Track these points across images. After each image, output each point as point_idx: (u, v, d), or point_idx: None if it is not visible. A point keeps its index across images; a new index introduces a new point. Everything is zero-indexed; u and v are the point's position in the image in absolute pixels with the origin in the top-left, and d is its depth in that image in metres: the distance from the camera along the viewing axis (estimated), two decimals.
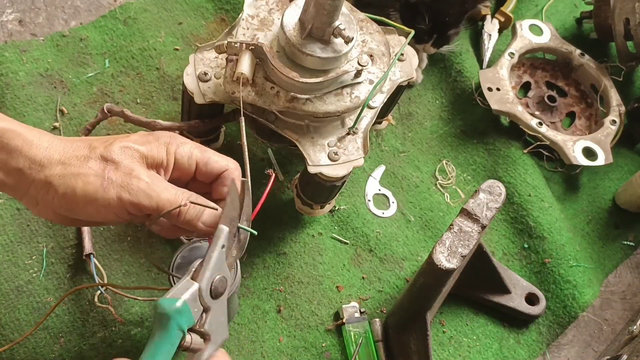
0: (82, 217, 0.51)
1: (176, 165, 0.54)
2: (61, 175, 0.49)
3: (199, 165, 0.54)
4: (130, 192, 0.49)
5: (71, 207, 0.50)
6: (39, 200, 0.51)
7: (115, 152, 0.50)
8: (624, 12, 0.93)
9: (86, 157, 0.50)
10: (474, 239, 0.61)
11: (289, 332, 0.73)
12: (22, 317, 0.68)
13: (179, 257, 0.59)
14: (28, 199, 0.51)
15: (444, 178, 0.87)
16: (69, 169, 0.49)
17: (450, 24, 0.85)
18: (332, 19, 0.59)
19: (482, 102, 0.91)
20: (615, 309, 0.83)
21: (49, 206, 0.51)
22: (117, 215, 0.51)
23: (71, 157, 0.50)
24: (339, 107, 0.63)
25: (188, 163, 0.54)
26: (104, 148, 0.51)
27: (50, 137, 0.51)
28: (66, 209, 0.51)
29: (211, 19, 0.91)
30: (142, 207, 0.50)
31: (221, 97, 0.66)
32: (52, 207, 0.51)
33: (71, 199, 0.49)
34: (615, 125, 0.91)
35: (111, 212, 0.50)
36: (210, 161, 0.55)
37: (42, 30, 0.85)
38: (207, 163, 0.55)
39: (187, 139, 0.55)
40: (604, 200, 0.91)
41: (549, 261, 0.82)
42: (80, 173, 0.49)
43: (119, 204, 0.49)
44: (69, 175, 0.49)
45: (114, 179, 0.49)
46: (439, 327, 0.77)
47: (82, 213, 0.51)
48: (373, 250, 0.79)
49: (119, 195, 0.49)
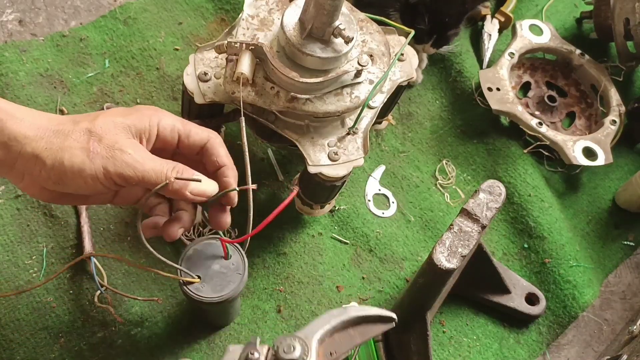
0: (69, 190, 0.52)
1: (159, 137, 0.55)
2: (48, 148, 0.50)
3: (181, 137, 0.56)
4: (115, 163, 0.50)
5: (59, 179, 0.51)
6: (25, 175, 0.51)
7: (99, 125, 0.51)
8: (624, 12, 0.93)
9: (71, 131, 0.51)
10: (474, 239, 0.61)
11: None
12: (22, 317, 0.68)
13: (190, 250, 0.59)
14: (15, 173, 0.51)
15: (444, 178, 0.87)
16: (55, 142, 0.50)
17: (450, 25, 0.85)
18: (332, 19, 0.59)
19: (482, 102, 0.91)
20: (615, 309, 0.83)
21: (36, 180, 0.51)
22: (105, 187, 0.51)
23: (56, 130, 0.51)
24: (339, 107, 0.63)
25: (171, 135, 0.55)
26: (88, 122, 0.51)
27: (32, 111, 0.52)
28: (54, 182, 0.51)
29: (211, 19, 0.91)
30: (127, 178, 0.51)
31: (221, 97, 0.66)
32: (39, 181, 0.51)
33: (59, 171, 0.50)
34: (615, 125, 0.91)
35: (98, 183, 0.51)
36: (191, 133, 0.56)
37: (42, 30, 0.85)
38: (189, 135, 0.56)
39: (169, 113, 0.56)
40: (604, 200, 0.91)
41: (549, 261, 0.82)
42: (66, 146, 0.50)
43: (105, 174, 0.50)
44: (56, 148, 0.50)
45: (99, 151, 0.50)
46: (439, 327, 0.77)
47: (71, 185, 0.51)
48: (373, 250, 0.79)
49: (104, 166, 0.50)
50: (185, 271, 0.58)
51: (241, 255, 0.60)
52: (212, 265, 0.59)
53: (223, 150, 0.57)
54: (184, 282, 0.58)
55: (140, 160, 0.51)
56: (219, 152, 0.57)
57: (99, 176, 0.50)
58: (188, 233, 0.74)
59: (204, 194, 0.54)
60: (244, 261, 0.59)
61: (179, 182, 0.53)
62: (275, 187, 0.81)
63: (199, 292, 0.57)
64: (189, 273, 0.58)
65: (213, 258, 0.59)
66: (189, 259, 0.59)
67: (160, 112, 0.55)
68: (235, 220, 0.75)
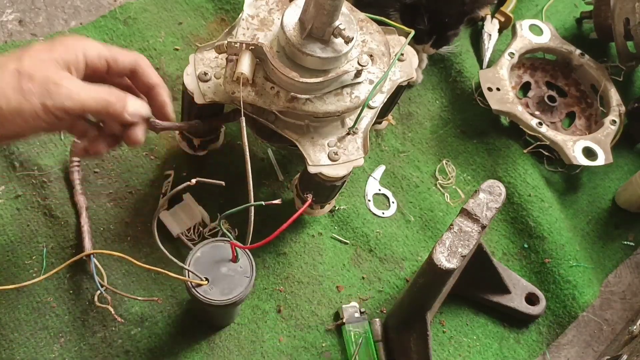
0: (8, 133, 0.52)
1: (87, 65, 0.55)
2: None
3: (109, 62, 0.56)
4: (52, 97, 0.50)
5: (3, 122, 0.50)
6: None
7: (26, 64, 0.51)
8: (624, 12, 0.93)
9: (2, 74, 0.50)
10: (474, 239, 0.61)
11: (289, 332, 0.73)
12: (22, 317, 0.68)
13: (198, 252, 0.59)
14: None
15: (444, 178, 0.87)
16: None
17: (449, 26, 0.85)
18: (332, 19, 0.59)
19: (482, 102, 0.91)
20: (615, 309, 0.83)
21: None
22: (47, 123, 0.51)
23: None
24: (339, 107, 0.63)
25: (99, 61, 0.55)
26: (15, 62, 0.51)
27: None
28: None
29: (211, 19, 0.91)
30: (68, 109, 0.51)
31: (221, 97, 0.66)
32: None
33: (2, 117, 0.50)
34: (615, 125, 0.91)
35: (40, 120, 0.51)
36: (118, 57, 0.56)
37: (42, 30, 0.85)
38: (116, 59, 0.56)
39: (93, 40, 0.57)
40: (604, 200, 0.91)
41: (549, 261, 0.82)
42: None
43: (44, 110, 0.50)
44: None
45: (33, 89, 0.50)
46: (439, 327, 0.77)
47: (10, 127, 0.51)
48: (373, 250, 0.79)
49: (42, 102, 0.50)
50: (193, 272, 0.58)
51: (249, 259, 0.60)
52: (220, 268, 0.59)
53: (152, 71, 0.58)
54: (193, 284, 0.58)
55: (76, 90, 0.51)
56: (149, 72, 0.58)
57: (39, 113, 0.50)
58: (188, 233, 0.74)
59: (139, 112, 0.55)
60: (252, 264, 0.59)
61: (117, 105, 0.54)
62: (276, 187, 0.81)
63: (207, 295, 0.57)
64: (198, 275, 0.58)
65: (221, 260, 0.59)
66: (196, 260, 0.59)
67: (84, 40, 0.56)
68: (236, 220, 0.75)
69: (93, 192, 0.75)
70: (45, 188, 0.74)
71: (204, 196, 0.76)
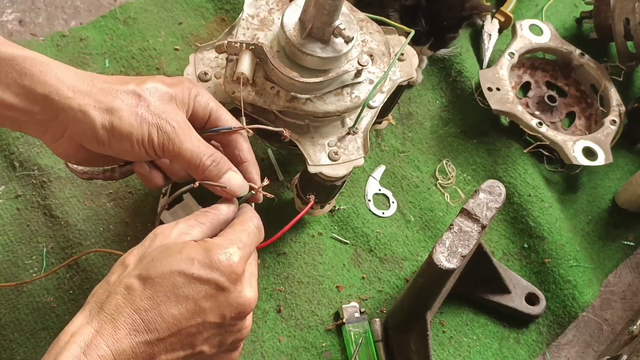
0: (111, 152, 0.51)
1: (193, 112, 0.54)
2: (96, 106, 0.48)
3: (211, 117, 0.55)
4: (159, 132, 0.50)
5: (106, 139, 0.49)
6: (67, 130, 0.49)
7: (147, 90, 0.50)
8: (624, 12, 0.93)
9: (118, 91, 0.50)
10: (474, 239, 0.61)
11: (289, 332, 0.73)
12: (22, 317, 0.68)
13: None
14: (54, 129, 0.50)
15: (444, 178, 0.87)
16: (103, 101, 0.49)
17: (447, 29, 0.85)
18: (332, 18, 0.59)
19: (482, 102, 0.91)
20: (615, 309, 0.83)
21: (77, 138, 0.50)
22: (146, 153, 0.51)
23: (103, 88, 0.49)
24: (339, 107, 0.63)
25: (202, 112, 0.55)
26: (136, 85, 0.50)
27: (73, 68, 0.51)
28: (98, 142, 0.50)
29: (211, 19, 0.91)
30: (166, 150, 0.50)
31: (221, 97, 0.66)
32: (81, 138, 0.50)
33: (108, 132, 0.49)
34: (615, 125, 0.91)
35: (142, 148, 0.50)
36: (221, 117, 0.56)
37: (42, 30, 0.85)
38: (219, 118, 0.56)
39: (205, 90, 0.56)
40: (604, 200, 0.91)
41: (549, 261, 0.82)
42: (115, 107, 0.49)
43: (149, 141, 0.50)
44: (104, 108, 0.48)
45: (146, 117, 0.49)
46: (439, 327, 0.77)
47: (115, 147, 0.50)
48: (373, 250, 0.79)
49: (149, 133, 0.49)
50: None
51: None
52: None
53: (246, 145, 0.57)
54: None
55: (182, 136, 0.50)
56: (243, 146, 0.56)
57: (144, 142, 0.49)
58: None
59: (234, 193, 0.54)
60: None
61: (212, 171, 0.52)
62: (275, 187, 0.81)
63: None
64: None
65: None
66: None
67: (198, 86, 0.55)
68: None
69: (93, 192, 0.75)
70: (45, 188, 0.74)
71: (204, 196, 0.76)
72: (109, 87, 0.50)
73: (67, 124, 0.49)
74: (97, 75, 0.51)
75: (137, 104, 0.50)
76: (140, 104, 0.50)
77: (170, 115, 0.51)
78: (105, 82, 0.50)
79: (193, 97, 0.54)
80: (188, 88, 0.54)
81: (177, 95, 0.52)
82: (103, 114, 0.49)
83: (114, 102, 0.49)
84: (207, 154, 0.52)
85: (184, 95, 0.53)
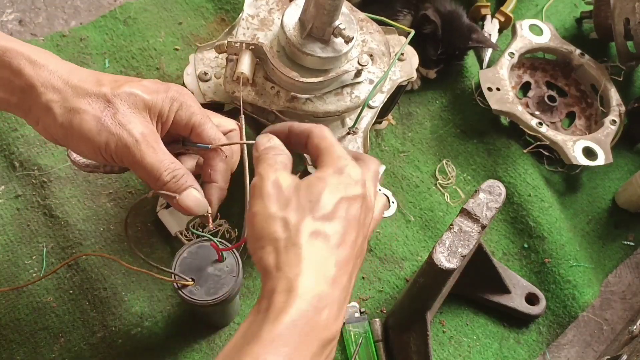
0: (74, 151, 0.52)
1: (173, 124, 0.53)
2: (61, 104, 0.49)
3: (194, 130, 0.54)
4: (118, 142, 0.49)
5: (66, 138, 0.50)
6: (39, 121, 0.51)
7: (119, 96, 0.50)
8: (624, 12, 0.93)
9: (89, 93, 0.49)
10: (474, 239, 0.61)
11: None
12: (22, 317, 0.68)
13: (185, 253, 0.59)
14: (31, 118, 0.51)
15: (444, 178, 0.87)
16: (70, 100, 0.49)
17: (457, 57, 0.90)
18: (332, 18, 0.59)
19: (482, 102, 0.91)
20: (615, 309, 0.83)
21: (46, 129, 0.51)
22: (105, 159, 0.51)
23: (74, 87, 0.49)
24: (339, 107, 0.63)
25: (185, 124, 0.53)
26: (111, 88, 0.50)
27: (57, 60, 0.51)
28: (61, 137, 0.50)
29: (211, 19, 0.91)
30: (125, 160, 0.50)
31: (221, 97, 0.66)
32: (50, 131, 0.51)
33: (67, 131, 0.49)
34: (615, 125, 0.91)
35: (99, 154, 0.50)
36: (203, 134, 0.54)
37: (42, 30, 0.85)
38: (200, 135, 0.54)
39: (194, 101, 0.54)
40: (604, 200, 0.91)
41: (549, 261, 0.82)
42: (79, 108, 0.49)
43: (106, 149, 0.50)
44: (68, 107, 0.49)
45: (109, 125, 0.49)
46: (439, 327, 0.77)
47: (75, 147, 0.51)
48: (373, 250, 0.79)
49: (107, 142, 0.49)
50: (178, 275, 0.57)
51: (235, 258, 0.59)
52: (207, 268, 0.59)
53: (222, 166, 0.55)
54: (178, 285, 0.58)
55: (143, 149, 0.50)
56: (217, 166, 0.55)
57: (101, 149, 0.50)
58: (187, 233, 0.74)
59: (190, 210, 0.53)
60: (239, 264, 0.59)
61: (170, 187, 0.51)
62: None
63: (193, 295, 0.57)
64: (182, 276, 0.57)
65: (208, 260, 0.59)
66: (183, 261, 0.59)
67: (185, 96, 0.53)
68: (236, 220, 0.75)
69: (93, 192, 0.75)
70: (45, 188, 0.74)
71: None
72: (82, 85, 0.50)
73: (38, 115, 0.50)
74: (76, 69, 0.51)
75: (103, 110, 0.49)
76: (106, 110, 0.49)
77: (134, 126, 0.50)
78: (81, 80, 0.50)
79: (175, 108, 0.52)
80: (171, 98, 0.52)
81: (155, 105, 0.51)
82: (66, 113, 0.49)
83: (80, 103, 0.49)
84: (169, 169, 0.51)
85: (163, 105, 0.52)
